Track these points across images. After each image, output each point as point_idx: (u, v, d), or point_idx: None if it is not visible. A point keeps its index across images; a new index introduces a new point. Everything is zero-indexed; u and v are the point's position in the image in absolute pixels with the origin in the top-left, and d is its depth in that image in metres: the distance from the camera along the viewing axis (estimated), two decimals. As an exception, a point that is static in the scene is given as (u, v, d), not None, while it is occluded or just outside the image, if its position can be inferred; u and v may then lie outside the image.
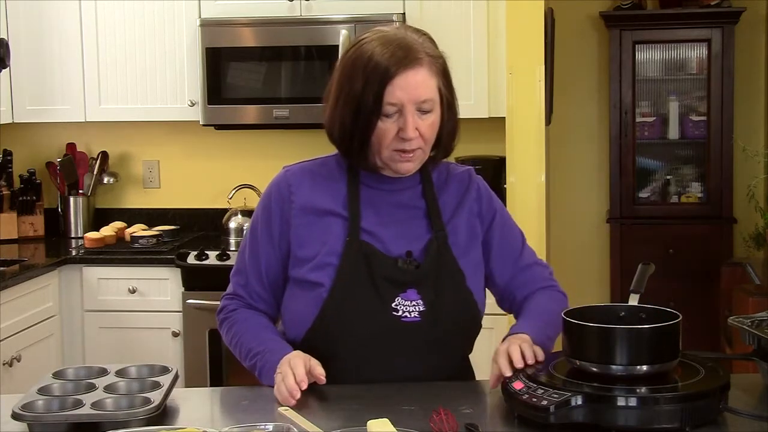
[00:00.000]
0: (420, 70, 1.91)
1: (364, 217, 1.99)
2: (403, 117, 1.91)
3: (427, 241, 2.00)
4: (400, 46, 1.91)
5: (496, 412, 1.79)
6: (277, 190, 2.04)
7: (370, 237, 1.98)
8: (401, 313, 1.95)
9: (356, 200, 2.00)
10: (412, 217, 2.02)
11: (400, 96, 1.89)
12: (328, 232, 1.98)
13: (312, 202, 2.00)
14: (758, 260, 4.52)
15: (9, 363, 3.54)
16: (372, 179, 2.02)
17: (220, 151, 4.51)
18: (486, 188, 2.13)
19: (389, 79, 1.89)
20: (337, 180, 2.03)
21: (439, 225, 2.02)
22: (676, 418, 1.64)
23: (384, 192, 2.02)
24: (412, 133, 1.91)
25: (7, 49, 3.07)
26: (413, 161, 1.96)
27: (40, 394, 1.84)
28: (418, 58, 1.91)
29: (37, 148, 4.57)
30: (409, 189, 2.04)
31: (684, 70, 5.07)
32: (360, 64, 1.92)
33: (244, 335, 2.02)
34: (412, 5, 3.99)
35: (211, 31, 4.06)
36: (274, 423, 1.68)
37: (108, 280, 3.97)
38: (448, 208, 2.05)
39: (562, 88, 4.83)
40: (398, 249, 1.98)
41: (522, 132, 3.64)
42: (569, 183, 5.13)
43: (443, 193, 2.06)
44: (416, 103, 1.91)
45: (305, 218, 2.00)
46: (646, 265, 2.00)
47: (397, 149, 1.93)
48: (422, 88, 1.91)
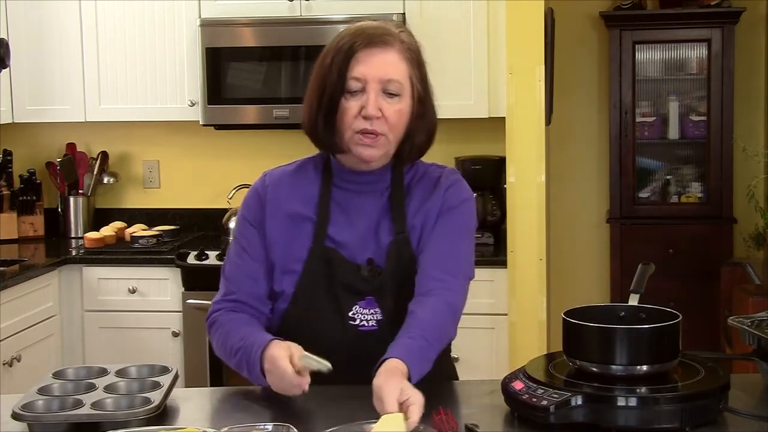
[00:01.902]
0: (389, 50, 1.91)
1: (332, 222, 1.97)
2: (366, 94, 1.89)
3: (387, 245, 1.97)
4: (373, 29, 1.93)
5: (496, 412, 1.79)
6: (255, 195, 2.04)
7: (334, 243, 1.96)
8: (358, 322, 1.94)
9: (326, 204, 1.99)
10: (378, 220, 1.99)
11: (363, 71, 1.89)
12: (296, 237, 1.97)
13: (286, 208, 1.99)
14: (758, 260, 4.52)
15: (9, 363, 3.54)
16: (344, 180, 2.00)
17: (220, 151, 4.51)
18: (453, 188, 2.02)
19: (354, 52, 1.89)
20: (312, 183, 2.02)
21: (400, 227, 1.98)
22: (676, 418, 1.64)
23: (354, 194, 2.00)
24: (373, 110, 1.88)
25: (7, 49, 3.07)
26: (376, 147, 1.92)
27: (40, 394, 1.84)
28: (388, 39, 1.91)
29: (37, 148, 4.57)
30: (379, 192, 2.00)
31: (684, 70, 5.06)
32: (331, 46, 1.93)
33: (227, 336, 1.99)
34: (412, 5, 3.99)
35: (211, 31, 4.07)
36: (274, 423, 1.68)
37: (108, 280, 3.97)
38: (413, 207, 2.00)
39: (562, 88, 4.83)
40: (362, 255, 1.96)
41: (522, 132, 3.64)
42: (569, 183, 5.13)
43: (411, 194, 2.01)
44: (381, 82, 1.89)
45: (278, 223, 1.99)
46: (646, 265, 2.00)
47: (359, 130, 1.90)
48: (389, 68, 1.90)
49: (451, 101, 3.92)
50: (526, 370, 1.80)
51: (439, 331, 1.88)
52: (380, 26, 1.94)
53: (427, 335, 1.84)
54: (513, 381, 1.77)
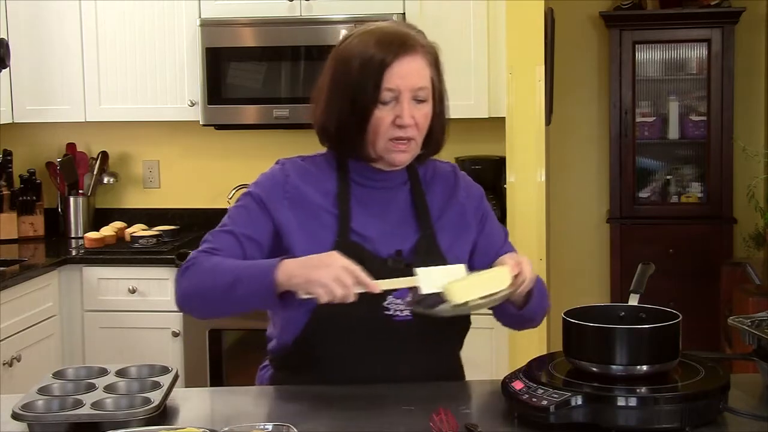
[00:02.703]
0: (416, 58, 1.93)
1: (353, 217, 1.99)
2: (399, 104, 1.92)
3: (416, 240, 2.00)
4: (396, 35, 1.94)
5: (496, 412, 1.79)
6: (272, 180, 2.03)
7: (359, 237, 1.97)
8: (393, 312, 1.94)
9: (346, 199, 2.00)
10: (400, 215, 2.02)
11: (397, 82, 1.91)
12: (319, 230, 1.97)
13: (308, 198, 2.00)
14: (758, 260, 4.52)
15: (9, 363, 3.54)
16: (362, 177, 2.01)
17: (220, 151, 4.51)
18: (472, 186, 2.13)
19: (387, 65, 1.90)
20: (328, 178, 2.02)
21: (427, 224, 2.02)
22: (676, 418, 1.64)
23: (373, 190, 2.02)
24: (408, 119, 1.92)
25: (7, 49, 3.07)
26: (407, 152, 1.96)
27: (40, 394, 1.84)
28: (414, 46, 1.94)
29: (37, 148, 4.57)
30: (398, 187, 2.04)
31: (684, 70, 5.07)
32: (356, 54, 1.93)
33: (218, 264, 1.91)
34: (412, 5, 3.99)
35: (211, 31, 4.06)
36: (274, 423, 1.68)
37: (108, 280, 3.97)
38: (436, 206, 2.05)
39: (562, 88, 4.83)
40: (387, 249, 1.97)
41: (522, 132, 3.64)
42: (569, 183, 5.13)
43: (430, 191, 2.06)
44: (412, 91, 1.92)
45: (301, 212, 1.98)
46: (646, 265, 2.01)
47: (393, 138, 1.93)
48: (418, 76, 1.93)
49: (451, 101, 3.86)
50: (526, 370, 1.80)
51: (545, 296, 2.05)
52: (402, 32, 1.96)
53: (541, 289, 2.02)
54: (513, 381, 1.77)
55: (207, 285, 1.90)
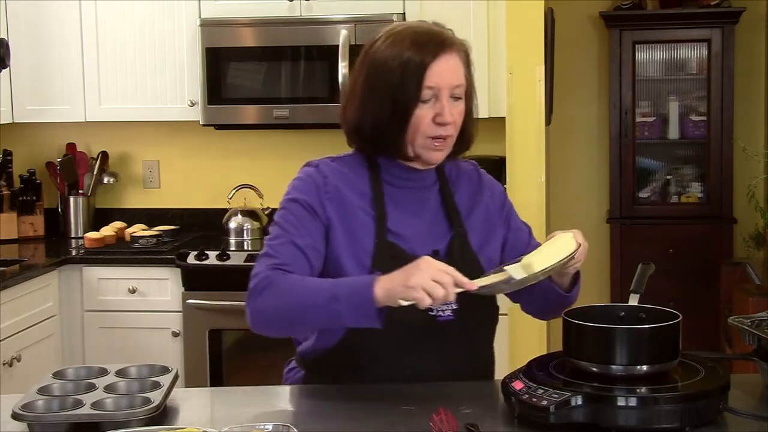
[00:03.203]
0: (453, 56, 1.96)
1: (389, 216, 2.00)
2: (439, 102, 1.94)
3: (449, 239, 2.02)
4: (432, 34, 1.97)
5: (496, 412, 1.79)
6: (311, 182, 2.00)
7: (395, 237, 1.98)
8: (436, 312, 1.95)
9: (381, 200, 2.01)
10: (432, 215, 2.04)
11: (437, 81, 1.93)
12: (359, 230, 1.97)
13: (345, 198, 1.99)
14: (758, 260, 4.52)
15: (9, 363, 3.54)
16: (394, 177, 2.02)
17: (220, 151, 4.51)
18: (495, 185, 2.16)
19: (428, 64, 1.92)
20: (361, 178, 2.03)
21: (458, 222, 2.04)
22: (676, 418, 1.64)
23: (405, 190, 2.03)
24: (449, 116, 1.94)
25: (7, 49, 3.07)
26: (444, 150, 1.99)
27: (40, 394, 1.84)
28: (451, 44, 1.96)
29: (37, 148, 4.57)
30: (429, 187, 2.06)
31: (684, 70, 5.07)
32: (393, 55, 1.94)
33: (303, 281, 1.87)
34: (412, 5, 3.99)
35: (211, 31, 4.06)
36: (274, 423, 1.68)
37: (108, 280, 3.97)
38: (463, 205, 2.08)
39: (562, 88, 4.83)
40: (423, 248, 1.98)
41: (522, 132, 3.64)
42: (569, 183, 5.13)
43: (457, 191, 2.09)
44: (450, 88, 1.95)
45: (339, 213, 1.98)
46: (646, 265, 2.01)
47: (432, 136, 1.95)
48: (455, 74, 1.95)
49: (451, 101, 3.91)
50: (526, 370, 1.80)
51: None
52: (436, 30, 1.98)
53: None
54: (513, 381, 1.77)
55: (292, 305, 1.85)
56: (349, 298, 1.79)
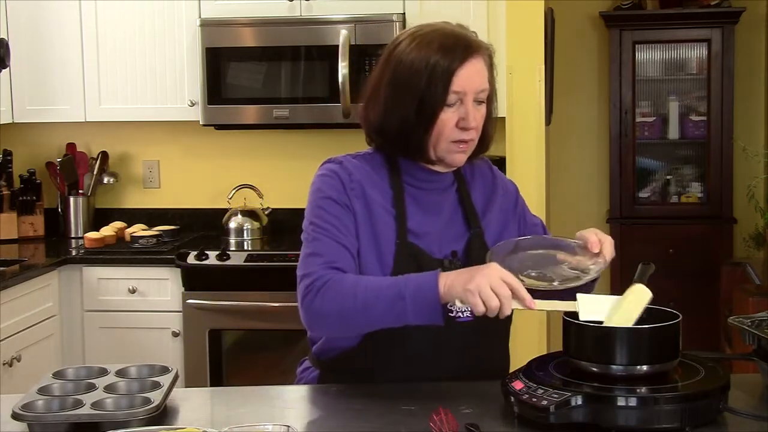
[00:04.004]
0: (479, 60, 1.97)
1: (410, 216, 2.00)
2: (464, 106, 1.94)
3: (467, 239, 2.03)
4: (458, 38, 1.97)
5: (496, 412, 1.79)
6: (337, 179, 1.98)
7: (416, 238, 1.98)
8: (455, 314, 1.95)
9: (402, 199, 2.01)
10: (451, 215, 2.05)
11: (464, 85, 1.93)
12: (382, 228, 1.97)
13: (370, 197, 1.99)
14: (758, 260, 4.52)
15: (9, 363, 3.54)
16: (413, 178, 2.03)
17: (220, 151, 4.50)
18: (507, 182, 2.19)
19: (456, 69, 1.93)
20: (382, 177, 2.03)
21: (476, 222, 2.05)
22: (676, 418, 1.64)
23: (425, 191, 2.03)
24: (473, 121, 1.95)
25: (7, 49, 3.07)
26: (466, 152, 2.00)
27: (40, 394, 1.84)
28: (477, 48, 1.97)
29: (37, 148, 4.57)
30: (448, 188, 2.06)
31: (684, 70, 5.07)
32: (420, 58, 1.93)
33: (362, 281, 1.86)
34: (412, 5, 3.99)
35: (211, 31, 4.06)
36: (274, 423, 1.68)
37: (108, 280, 3.96)
38: (479, 204, 2.09)
39: (562, 88, 4.83)
40: (442, 249, 1.99)
41: (522, 132, 3.64)
42: (569, 183, 5.13)
43: (473, 190, 2.10)
44: (475, 93, 1.96)
45: (365, 210, 1.98)
46: (646, 265, 2.00)
47: (456, 140, 1.96)
48: (481, 78, 1.96)
49: (451, 101, 3.91)
50: (526, 370, 1.80)
51: None
52: (462, 34, 1.99)
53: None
54: (513, 381, 1.77)
55: (356, 306, 1.83)
56: (415, 296, 1.79)
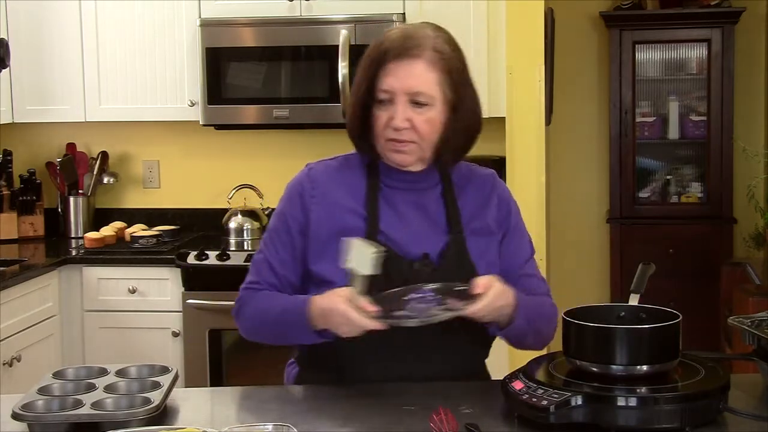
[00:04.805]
0: (417, 62, 1.92)
1: (382, 218, 1.99)
2: (394, 105, 1.93)
3: (444, 243, 2.00)
4: (407, 37, 1.94)
5: (496, 412, 1.79)
6: (299, 185, 2.05)
7: (387, 238, 1.97)
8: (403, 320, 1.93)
9: (375, 200, 2.00)
10: (430, 218, 2.02)
11: (391, 83, 1.92)
12: (346, 229, 1.97)
13: (335, 199, 2.01)
14: (758, 260, 4.52)
15: (9, 363, 3.54)
16: (391, 178, 2.02)
17: (220, 151, 4.50)
18: (507, 195, 2.12)
19: (382, 64, 1.92)
20: (358, 178, 2.03)
21: (457, 228, 2.01)
22: (676, 418, 1.64)
23: (402, 192, 2.02)
24: (399, 122, 1.92)
25: (7, 49, 3.07)
26: (407, 154, 1.97)
27: (40, 394, 1.84)
28: (418, 50, 1.92)
29: (37, 148, 4.57)
30: (429, 190, 2.04)
31: (684, 70, 5.07)
32: (368, 53, 1.98)
33: (267, 309, 2.01)
34: (412, 5, 3.99)
35: (211, 31, 4.06)
36: (274, 423, 1.68)
37: (108, 280, 3.96)
38: (468, 210, 2.04)
39: (562, 88, 4.83)
40: (415, 251, 1.98)
41: (522, 132, 3.64)
42: (569, 183, 5.13)
43: (463, 195, 2.05)
44: (408, 94, 1.92)
45: (326, 213, 2.00)
46: (646, 265, 2.01)
47: (390, 138, 1.95)
48: (415, 80, 1.92)
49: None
50: (526, 370, 1.80)
51: (549, 320, 2.03)
52: (414, 35, 1.95)
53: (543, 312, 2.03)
54: (513, 381, 1.77)
55: (261, 327, 2.03)
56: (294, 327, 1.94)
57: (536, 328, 2.00)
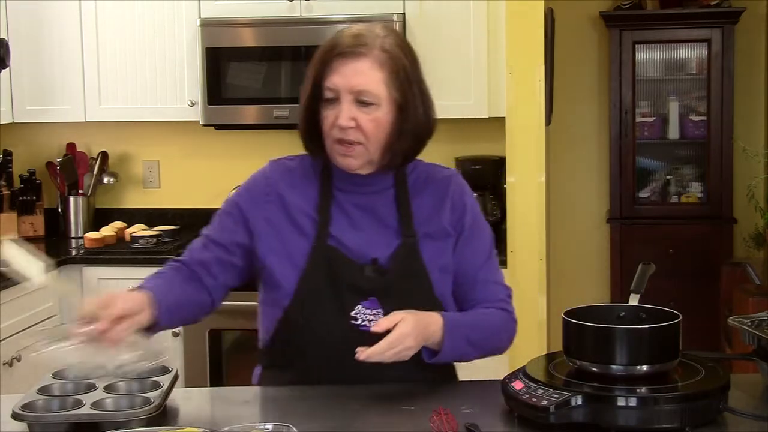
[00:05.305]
0: (363, 61, 1.90)
1: (333, 222, 1.97)
2: (339, 104, 1.91)
3: (395, 247, 1.97)
4: (355, 36, 1.93)
5: (496, 412, 1.79)
6: (256, 182, 2.07)
7: (337, 242, 1.96)
8: (360, 322, 1.93)
9: (327, 204, 1.98)
10: (381, 222, 1.99)
11: (336, 81, 1.90)
12: (294, 236, 1.97)
13: (289, 200, 2.00)
14: (758, 260, 4.52)
15: (9, 363, 3.53)
16: (344, 182, 1.99)
17: (220, 151, 4.50)
18: (462, 195, 2.05)
19: (328, 62, 1.92)
20: (312, 180, 2.02)
21: (409, 231, 1.98)
22: (676, 418, 1.64)
23: (353, 195, 1.99)
24: (344, 121, 1.89)
25: (7, 49, 3.07)
26: (354, 157, 1.93)
27: (40, 394, 1.84)
28: (363, 48, 1.91)
29: (37, 148, 4.57)
30: (382, 192, 2.00)
31: (684, 70, 5.07)
32: (317, 53, 1.99)
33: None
34: (412, 5, 3.99)
35: (211, 31, 4.06)
36: (274, 423, 1.68)
37: (108, 280, 3.96)
38: (423, 213, 2.00)
39: (562, 88, 4.83)
40: (366, 255, 1.96)
41: (522, 132, 3.64)
42: (569, 183, 5.13)
43: (418, 197, 2.01)
44: (353, 93, 1.90)
45: (277, 217, 1.99)
46: (646, 265, 2.01)
47: (336, 139, 1.92)
48: (361, 78, 1.89)
49: (451, 101, 3.91)
50: (526, 370, 1.80)
51: (496, 332, 1.99)
52: (361, 33, 1.93)
53: (483, 326, 1.96)
54: (513, 381, 1.77)
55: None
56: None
57: (480, 346, 1.96)
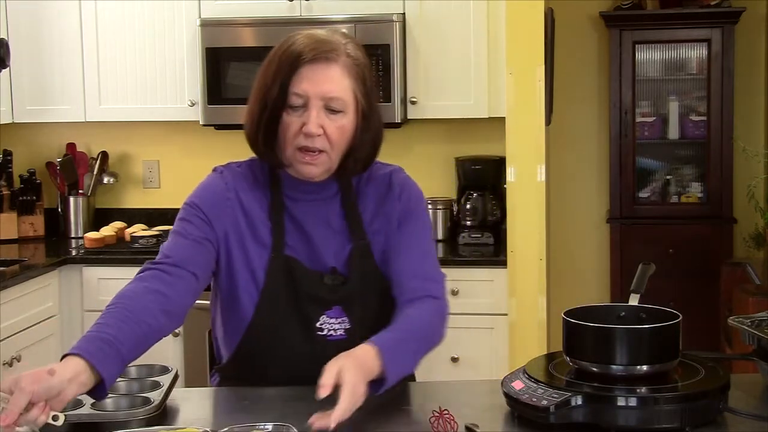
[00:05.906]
0: (333, 66, 1.86)
1: (288, 231, 1.93)
2: (308, 111, 1.85)
3: (348, 251, 1.94)
4: (319, 41, 1.87)
5: (496, 412, 1.79)
6: (212, 187, 1.96)
7: (294, 251, 1.92)
8: (326, 332, 1.91)
9: (280, 213, 1.94)
10: (332, 229, 1.95)
11: (306, 87, 1.84)
12: (255, 244, 1.92)
13: (245, 208, 1.94)
14: (758, 260, 4.52)
15: (9, 363, 3.54)
16: (293, 191, 1.95)
17: (220, 151, 4.48)
18: (406, 190, 2.01)
19: (297, 67, 1.84)
20: (262, 187, 1.97)
21: (360, 234, 1.95)
22: (676, 418, 1.64)
23: (304, 203, 1.95)
24: (314, 128, 1.84)
25: (7, 49, 3.07)
26: (317, 165, 1.88)
27: (40, 394, 1.83)
28: (333, 54, 1.86)
29: (37, 148, 4.57)
30: (329, 200, 1.96)
31: (684, 70, 5.06)
32: (276, 55, 1.89)
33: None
34: (412, 5, 3.99)
35: (211, 31, 4.06)
36: (274, 423, 1.68)
37: (108, 280, 3.96)
38: (369, 211, 1.98)
39: (562, 88, 4.83)
40: (323, 264, 1.93)
41: (522, 132, 3.64)
42: (569, 183, 5.13)
43: (363, 197, 1.98)
44: (323, 99, 1.85)
45: (238, 223, 1.93)
46: (646, 265, 2.00)
47: (300, 147, 1.86)
48: (331, 85, 1.85)
49: (451, 101, 3.92)
50: (526, 370, 1.80)
51: (427, 330, 1.90)
52: (326, 39, 1.88)
53: (414, 331, 1.86)
54: (513, 381, 1.77)
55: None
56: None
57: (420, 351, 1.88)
